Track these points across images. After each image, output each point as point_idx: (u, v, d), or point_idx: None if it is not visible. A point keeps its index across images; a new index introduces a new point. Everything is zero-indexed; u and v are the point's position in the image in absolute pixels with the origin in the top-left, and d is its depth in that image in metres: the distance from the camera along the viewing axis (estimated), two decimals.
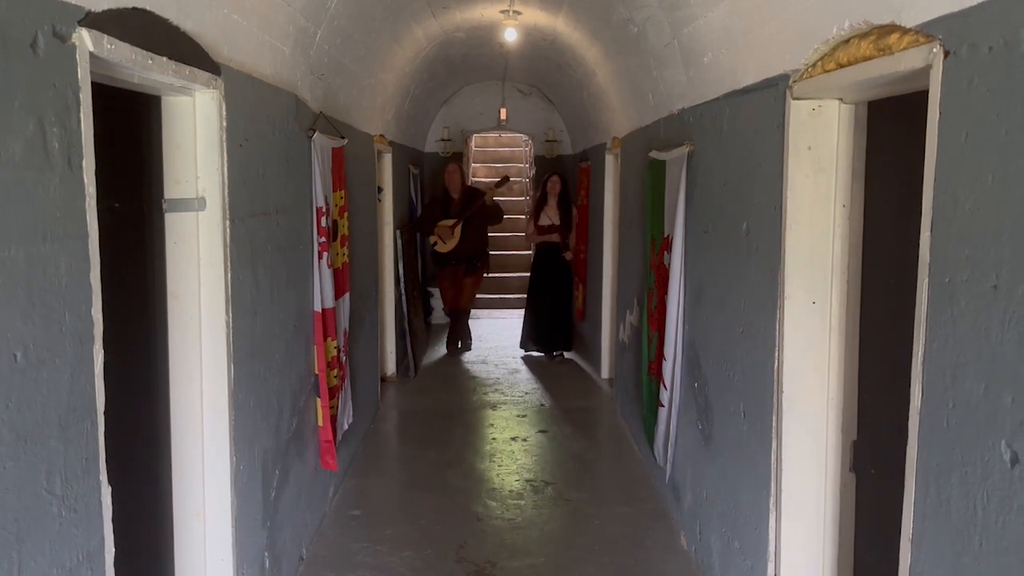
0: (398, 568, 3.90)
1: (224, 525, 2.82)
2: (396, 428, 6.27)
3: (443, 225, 8.11)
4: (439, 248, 8.22)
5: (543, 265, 8.39)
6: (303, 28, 3.57)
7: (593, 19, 5.29)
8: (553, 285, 8.28)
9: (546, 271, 8.35)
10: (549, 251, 8.26)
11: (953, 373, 1.66)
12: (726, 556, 3.38)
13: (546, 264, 8.35)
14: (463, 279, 8.37)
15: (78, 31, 1.77)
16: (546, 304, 8.24)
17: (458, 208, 8.15)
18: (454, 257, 8.22)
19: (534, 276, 8.50)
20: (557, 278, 8.34)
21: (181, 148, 2.65)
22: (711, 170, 3.57)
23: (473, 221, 8.15)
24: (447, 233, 8.12)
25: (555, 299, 8.25)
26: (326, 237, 3.99)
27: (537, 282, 8.42)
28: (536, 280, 8.45)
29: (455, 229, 8.09)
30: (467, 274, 8.34)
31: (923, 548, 1.79)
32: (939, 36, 1.71)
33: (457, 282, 8.40)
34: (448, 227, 8.10)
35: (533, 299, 8.40)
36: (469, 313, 8.82)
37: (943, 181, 1.71)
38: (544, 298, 8.28)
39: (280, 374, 3.45)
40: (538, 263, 8.47)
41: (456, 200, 8.23)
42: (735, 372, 3.24)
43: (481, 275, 8.51)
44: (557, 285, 8.32)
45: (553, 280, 8.30)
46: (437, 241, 8.17)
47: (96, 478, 1.86)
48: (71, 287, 1.76)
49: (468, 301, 8.61)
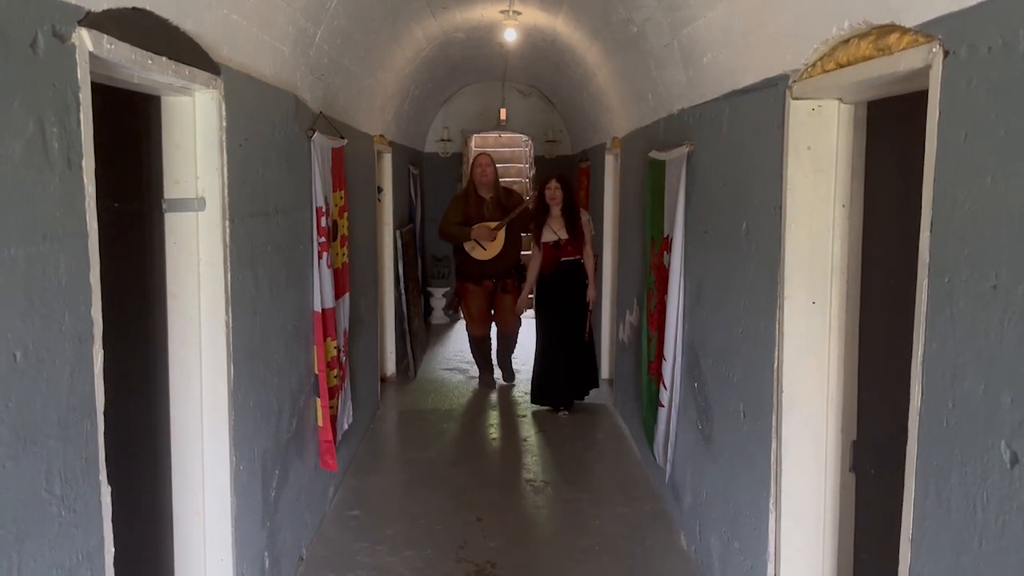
0: (398, 568, 3.90)
1: (224, 525, 2.82)
2: (396, 428, 6.27)
3: (484, 227, 6.74)
4: (477, 255, 6.77)
5: (553, 296, 6.38)
6: (303, 28, 3.57)
7: (593, 19, 5.29)
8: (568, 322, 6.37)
9: (558, 304, 6.37)
10: (561, 276, 6.32)
11: (952, 373, 1.66)
12: (726, 556, 3.38)
13: (557, 293, 6.35)
14: (501, 295, 6.96)
15: (78, 31, 1.76)
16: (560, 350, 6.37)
17: (495, 210, 6.83)
18: (492, 269, 6.81)
19: (542, 312, 6.50)
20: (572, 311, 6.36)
21: (181, 148, 2.65)
22: (711, 170, 3.57)
23: (513, 226, 6.85)
24: (488, 236, 6.72)
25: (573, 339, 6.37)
26: (326, 237, 3.99)
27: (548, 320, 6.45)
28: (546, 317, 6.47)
29: (498, 233, 6.72)
30: (508, 290, 6.93)
31: (923, 548, 1.79)
32: (938, 36, 1.71)
33: (493, 300, 7.00)
34: (490, 229, 6.72)
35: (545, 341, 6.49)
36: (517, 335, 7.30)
37: (942, 181, 1.71)
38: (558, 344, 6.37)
39: (280, 374, 3.45)
40: (546, 294, 6.44)
41: (489, 200, 6.86)
42: (735, 372, 3.24)
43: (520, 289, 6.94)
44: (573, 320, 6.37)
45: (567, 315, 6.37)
46: (475, 247, 6.76)
47: (96, 478, 1.86)
48: (71, 287, 1.76)
49: (517, 321, 7.14)
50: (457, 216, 6.84)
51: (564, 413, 6.41)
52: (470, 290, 6.97)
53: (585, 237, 6.30)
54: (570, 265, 6.32)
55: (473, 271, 6.87)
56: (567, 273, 6.32)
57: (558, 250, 6.28)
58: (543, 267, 6.34)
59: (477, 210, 6.82)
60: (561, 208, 6.28)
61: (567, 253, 6.28)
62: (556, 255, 6.28)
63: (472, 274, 6.89)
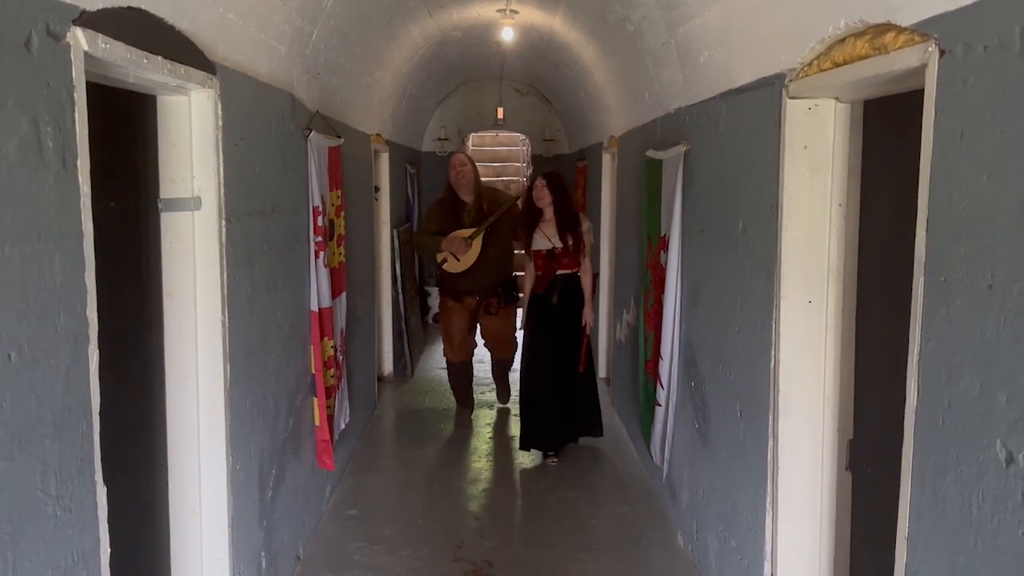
0: (395, 567, 3.90)
1: (220, 525, 2.82)
2: (393, 427, 6.27)
3: (456, 237, 5.71)
4: (449, 267, 5.79)
5: (546, 317, 5.26)
6: (299, 27, 3.57)
7: (590, 18, 5.29)
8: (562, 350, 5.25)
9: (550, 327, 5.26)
10: (554, 293, 5.22)
11: (948, 372, 1.67)
12: (723, 555, 3.38)
13: (549, 315, 5.25)
14: (485, 317, 5.96)
15: (72, 30, 1.76)
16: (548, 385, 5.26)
17: (476, 214, 5.81)
18: (474, 284, 5.82)
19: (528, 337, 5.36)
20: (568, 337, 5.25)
21: (177, 147, 2.65)
22: (707, 169, 3.57)
23: (499, 232, 5.76)
24: (460, 247, 5.70)
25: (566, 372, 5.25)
26: (322, 236, 3.99)
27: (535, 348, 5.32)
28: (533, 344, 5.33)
29: (472, 242, 5.72)
30: (492, 310, 5.92)
31: (918, 547, 1.79)
32: (934, 35, 1.71)
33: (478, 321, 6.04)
34: (463, 239, 5.70)
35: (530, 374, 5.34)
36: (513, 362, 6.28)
37: (938, 180, 1.71)
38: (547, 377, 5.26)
39: (276, 373, 3.45)
40: (534, 314, 5.30)
41: (470, 205, 5.87)
42: (731, 371, 3.24)
43: (514, 308, 6.01)
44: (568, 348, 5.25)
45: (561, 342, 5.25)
46: (447, 258, 5.78)
47: (91, 478, 1.86)
48: (66, 287, 1.75)
49: (508, 344, 6.18)
50: (434, 224, 5.91)
51: (553, 460, 5.29)
52: (448, 307, 6.03)
53: (584, 247, 5.22)
54: (566, 280, 5.23)
55: (451, 286, 5.94)
56: (563, 289, 5.22)
57: (552, 261, 5.19)
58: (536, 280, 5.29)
59: (456, 216, 5.84)
60: (554, 211, 5.20)
61: (563, 265, 5.19)
62: (549, 267, 5.20)
63: (451, 289, 5.96)
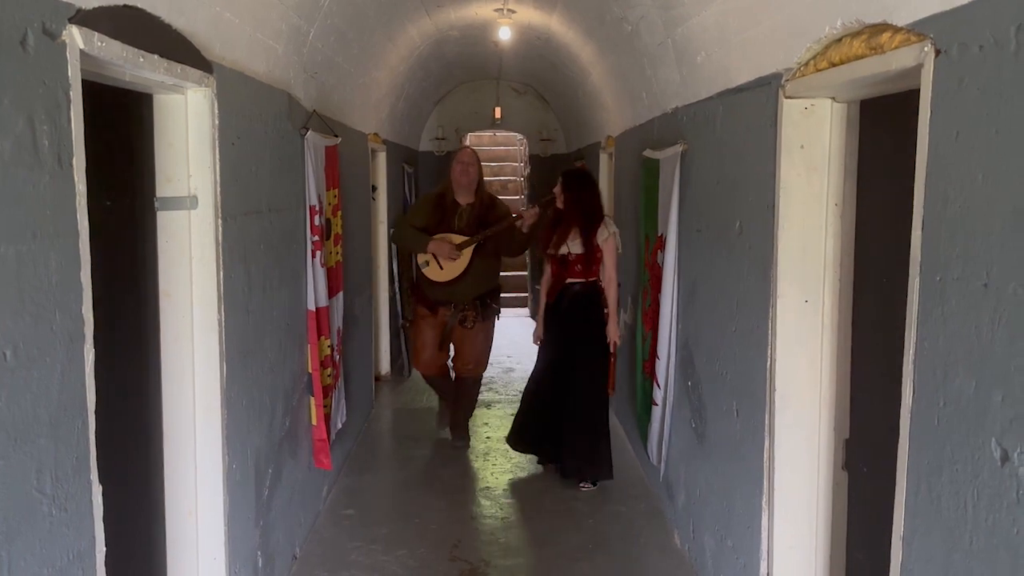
0: (392, 567, 3.90)
1: (216, 524, 2.81)
2: (390, 427, 6.27)
3: (447, 241, 5.19)
4: (430, 273, 5.25)
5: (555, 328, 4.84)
6: (296, 26, 3.57)
7: (587, 18, 5.29)
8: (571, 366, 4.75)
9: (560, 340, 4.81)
10: (566, 303, 4.76)
11: (944, 371, 1.67)
12: (719, 554, 3.39)
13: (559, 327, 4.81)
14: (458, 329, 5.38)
15: (68, 28, 1.76)
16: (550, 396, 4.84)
17: (470, 220, 5.28)
18: (451, 294, 5.30)
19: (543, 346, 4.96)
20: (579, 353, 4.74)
21: (173, 146, 2.65)
22: (704, 169, 3.57)
23: (492, 245, 5.31)
24: (448, 254, 5.18)
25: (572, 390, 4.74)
26: (319, 236, 3.99)
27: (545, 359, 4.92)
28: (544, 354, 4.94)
29: (463, 252, 5.21)
30: (467, 323, 5.37)
31: (914, 546, 1.79)
32: (930, 35, 1.72)
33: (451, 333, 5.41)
34: (454, 246, 5.19)
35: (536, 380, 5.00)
36: (480, 382, 5.74)
37: (934, 179, 1.71)
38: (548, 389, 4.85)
39: (273, 373, 3.44)
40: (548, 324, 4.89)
41: (465, 208, 5.33)
42: (728, 371, 3.24)
43: (493, 323, 5.54)
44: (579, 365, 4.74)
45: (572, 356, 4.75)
46: (429, 262, 5.26)
47: (87, 477, 1.86)
48: (62, 285, 1.75)
49: (478, 363, 5.53)
50: (420, 218, 5.37)
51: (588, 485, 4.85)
52: (419, 315, 5.50)
53: (606, 255, 4.69)
54: (579, 288, 4.74)
55: (426, 292, 5.39)
56: (574, 300, 4.74)
57: (564, 268, 4.73)
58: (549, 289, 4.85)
59: (447, 217, 5.30)
60: (569, 212, 4.71)
61: (574, 273, 4.71)
62: (561, 274, 4.76)
63: (425, 296, 5.42)
